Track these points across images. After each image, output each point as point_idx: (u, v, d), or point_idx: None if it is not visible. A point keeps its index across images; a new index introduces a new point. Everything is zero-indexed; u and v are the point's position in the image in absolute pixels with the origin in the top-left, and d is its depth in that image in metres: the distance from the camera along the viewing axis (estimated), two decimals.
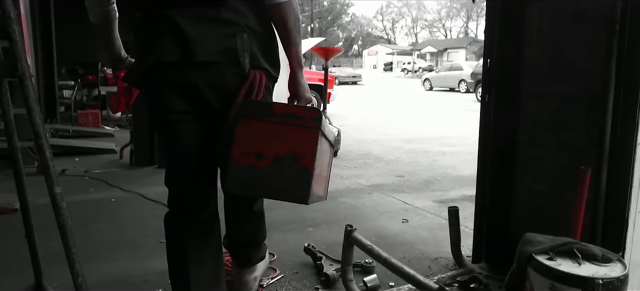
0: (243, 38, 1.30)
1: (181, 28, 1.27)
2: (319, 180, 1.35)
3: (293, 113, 1.27)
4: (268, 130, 1.27)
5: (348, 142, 6.26)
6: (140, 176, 4.11)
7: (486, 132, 2.13)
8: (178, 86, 1.34)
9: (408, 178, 4.17)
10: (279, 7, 1.35)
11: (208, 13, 1.29)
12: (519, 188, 2.06)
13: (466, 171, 4.53)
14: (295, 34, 1.39)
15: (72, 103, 7.69)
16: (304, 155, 1.23)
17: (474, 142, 6.18)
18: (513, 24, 1.98)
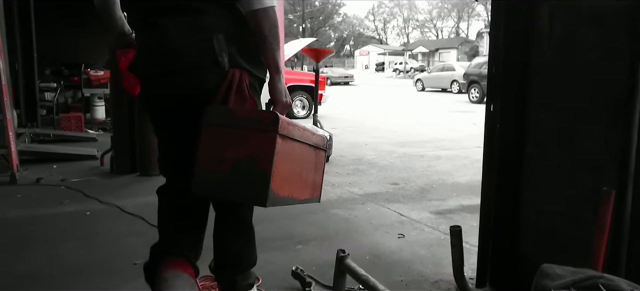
0: (219, 39, 1.36)
1: (167, 37, 1.37)
2: (290, 183, 1.39)
3: (252, 118, 1.31)
4: (229, 135, 1.32)
5: (340, 145, 6.07)
6: (120, 185, 3.89)
7: (491, 145, 1.95)
8: (165, 94, 1.45)
9: (403, 185, 3.98)
10: (254, 13, 1.38)
11: (190, 21, 1.37)
12: (527, 206, 1.88)
13: (463, 178, 4.35)
14: (270, 40, 1.40)
15: (54, 106, 7.41)
16: (262, 158, 1.27)
17: (469, 146, 6.03)
18: (521, 25, 1.80)
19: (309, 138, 1.47)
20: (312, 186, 1.56)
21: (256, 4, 1.37)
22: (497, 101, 1.88)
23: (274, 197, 1.29)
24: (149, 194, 3.64)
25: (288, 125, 1.32)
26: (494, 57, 1.86)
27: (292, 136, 1.35)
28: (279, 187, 1.30)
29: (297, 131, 1.39)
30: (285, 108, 1.48)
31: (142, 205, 3.23)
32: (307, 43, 11.16)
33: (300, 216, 2.98)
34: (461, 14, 65.71)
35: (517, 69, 1.82)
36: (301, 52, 8.97)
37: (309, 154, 1.50)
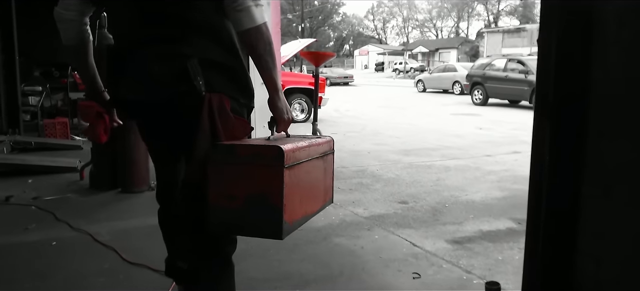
0: (193, 63, 1.31)
1: (145, 65, 1.35)
2: (303, 204, 1.40)
3: (256, 153, 1.30)
4: (236, 172, 1.31)
5: (341, 154, 5.68)
6: (97, 205, 3.49)
7: (538, 182, 1.56)
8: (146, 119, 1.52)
9: (412, 204, 3.59)
10: (247, 33, 1.33)
11: (168, 49, 1.34)
12: (584, 258, 1.49)
13: (476, 194, 3.97)
14: (266, 58, 1.35)
15: (39, 110, 7.00)
16: (271, 194, 1.27)
17: (477, 154, 5.63)
18: (578, 31, 1.41)
19: (315, 152, 1.47)
20: (324, 194, 1.59)
21: (248, 23, 1.31)
22: (546, 128, 1.49)
23: (288, 227, 1.30)
24: (128, 216, 3.28)
25: (293, 153, 1.31)
26: (543, 71, 1.47)
27: (299, 161, 1.35)
28: (292, 215, 1.31)
29: (304, 152, 1.39)
30: (288, 125, 1.46)
31: (118, 232, 2.84)
32: (306, 44, 10.76)
33: (297, 247, 2.59)
34: (461, 13, 65.32)
35: (573, 87, 1.43)
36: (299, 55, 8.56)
37: (317, 166, 1.51)
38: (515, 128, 8.80)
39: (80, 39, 1.55)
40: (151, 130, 1.54)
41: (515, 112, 12.31)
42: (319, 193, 1.54)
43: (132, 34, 1.41)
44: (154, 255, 2.29)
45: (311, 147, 1.43)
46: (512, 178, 4.57)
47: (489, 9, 61.80)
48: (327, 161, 1.59)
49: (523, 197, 3.89)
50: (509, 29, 41.12)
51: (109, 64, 1.53)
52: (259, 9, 1.34)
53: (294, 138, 1.49)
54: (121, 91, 1.46)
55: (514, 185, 4.32)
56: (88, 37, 1.58)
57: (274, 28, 4.39)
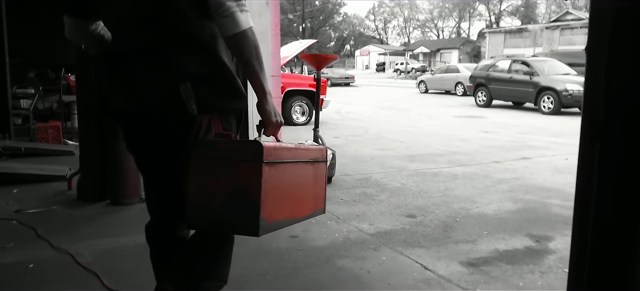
0: (186, 87, 1.32)
1: (136, 81, 1.39)
2: (286, 206, 1.38)
3: (236, 149, 1.31)
4: (215, 167, 1.32)
5: (344, 160, 5.44)
6: (83, 219, 3.25)
7: (585, 209, 1.32)
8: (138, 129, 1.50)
9: (421, 219, 3.35)
10: (233, 38, 1.33)
11: (157, 63, 1.36)
12: None
13: (488, 206, 3.73)
14: (252, 62, 1.35)
15: (31, 114, 6.77)
16: (250, 189, 1.26)
17: (485, 161, 5.38)
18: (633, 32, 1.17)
19: (302, 156, 1.46)
20: (313, 201, 1.55)
21: (233, 28, 1.31)
22: (596, 147, 1.25)
23: (266, 225, 1.28)
24: (115, 233, 3.02)
25: (275, 151, 1.31)
26: (593, 77, 1.23)
27: (281, 159, 1.34)
28: (272, 214, 1.30)
29: (287, 153, 1.38)
30: (277, 128, 1.43)
31: (102, 252, 2.61)
32: (307, 45, 10.52)
33: (298, 271, 2.36)
34: (462, 13, 65.04)
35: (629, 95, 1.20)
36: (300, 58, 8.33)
37: (305, 171, 1.49)
38: (521, 132, 8.57)
39: (99, 43, 1.56)
40: (141, 140, 1.52)
41: (520, 114, 12.08)
42: (306, 199, 1.51)
43: (123, 42, 1.43)
44: (140, 280, 2.07)
45: (298, 151, 1.43)
46: (524, 188, 4.34)
47: (491, 9, 61.55)
48: (317, 168, 1.55)
49: (538, 209, 3.66)
50: (511, 29, 40.87)
51: (103, 68, 1.56)
52: (245, 14, 1.33)
53: (282, 142, 1.47)
54: (114, 101, 1.48)
55: (526, 195, 4.09)
56: (106, 36, 1.56)
57: (274, 29, 4.16)
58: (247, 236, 1.40)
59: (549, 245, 2.88)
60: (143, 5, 1.36)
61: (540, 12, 57.74)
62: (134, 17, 1.38)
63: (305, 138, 5.22)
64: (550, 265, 2.56)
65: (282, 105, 9.17)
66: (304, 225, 3.07)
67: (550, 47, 31.18)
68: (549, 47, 31.56)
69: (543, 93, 12.21)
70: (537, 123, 9.98)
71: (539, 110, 12.22)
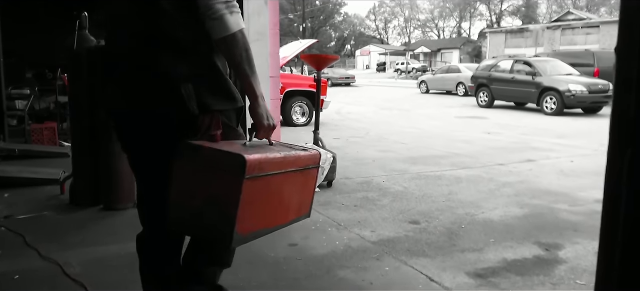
0: (188, 88, 1.32)
1: (131, 83, 1.38)
2: (265, 216, 1.36)
3: (220, 158, 1.26)
4: (197, 173, 1.29)
5: (345, 163, 5.33)
6: (74, 225, 3.14)
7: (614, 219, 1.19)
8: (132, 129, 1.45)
9: (425, 225, 3.24)
10: (222, 41, 1.31)
11: (155, 65, 1.33)
12: None
13: (494, 211, 3.61)
14: (243, 66, 1.33)
15: (26, 115, 6.66)
16: (227, 202, 1.23)
17: (488, 163, 5.26)
18: None
19: (291, 164, 1.41)
20: (297, 207, 1.52)
21: (222, 31, 1.29)
22: (626, 153, 1.13)
23: (240, 237, 1.27)
24: (107, 240, 2.90)
25: (260, 164, 1.27)
26: (622, 82, 1.11)
27: (267, 172, 1.30)
28: (248, 226, 1.28)
29: (275, 164, 1.34)
30: (269, 131, 1.41)
31: (92, 262, 2.50)
32: (307, 45, 10.40)
33: (297, 283, 2.25)
34: (463, 13, 64.91)
35: None
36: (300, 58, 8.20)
37: (292, 180, 1.44)
38: (524, 133, 8.45)
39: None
40: (138, 140, 1.46)
41: (522, 114, 11.95)
42: (289, 207, 1.48)
43: (120, 41, 1.41)
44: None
45: (286, 160, 1.38)
46: (529, 192, 4.22)
47: (492, 9, 61.42)
48: (307, 175, 1.51)
49: (545, 214, 3.54)
50: (512, 29, 40.75)
51: (100, 68, 1.58)
52: (234, 16, 1.30)
53: (273, 148, 1.41)
54: (111, 100, 1.46)
55: (532, 200, 3.97)
56: None
57: (273, 28, 4.04)
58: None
59: (559, 253, 2.76)
60: (134, 7, 1.35)
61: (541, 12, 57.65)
62: (128, 18, 1.37)
63: (305, 140, 5.11)
64: (562, 276, 2.45)
65: (281, 105, 9.06)
66: (303, 232, 2.97)
67: (551, 47, 31.06)
68: (550, 47, 31.43)
69: (545, 94, 12.08)
70: (539, 124, 9.85)
71: (542, 111, 12.10)
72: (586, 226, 3.27)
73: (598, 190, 4.50)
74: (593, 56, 15.20)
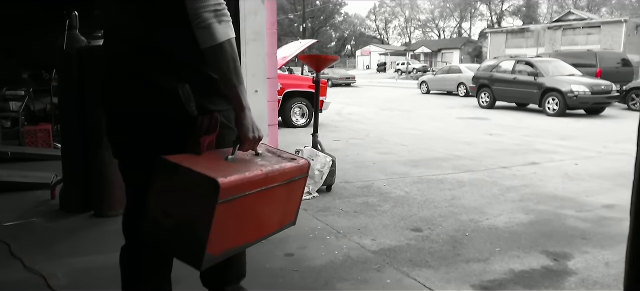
0: (185, 89, 1.31)
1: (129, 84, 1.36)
2: (242, 234, 1.33)
3: (194, 179, 1.19)
4: (174, 191, 1.25)
5: (345, 165, 5.21)
6: (62, 233, 3.02)
7: None
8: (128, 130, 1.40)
9: (427, 233, 3.12)
10: (210, 50, 1.27)
11: (146, 75, 1.33)
12: None
13: (499, 217, 3.49)
14: (229, 76, 1.29)
15: (20, 116, 6.54)
16: (199, 224, 1.20)
17: (491, 166, 5.13)
18: None
19: (274, 180, 1.35)
20: (280, 218, 1.47)
21: (209, 41, 1.27)
22: None
23: (212, 258, 1.24)
24: (95, 249, 2.76)
25: (236, 186, 1.22)
26: None
27: (244, 192, 1.25)
28: (220, 246, 1.25)
29: (255, 183, 1.28)
30: (254, 144, 1.38)
31: (78, 273, 2.38)
32: (306, 45, 10.28)
33: None
34: (463, 13, 64.78)
35: None
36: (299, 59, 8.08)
37: (275, 195, 1.39)
38: (527, 135, 8.32)
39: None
40: (137, 142, 1.40)
41: (524, 115, 11.82)
42: (271, 220, 1.43)
43: (118, 43, 1.39)
44: None
45: (268, 177, 1.32)
46: (534, 197, 4.09)
47: (492, 9, 61.29)
48: (293, 187, 1.46)
49: (552, 221, 3.40)
50: (513, 29, 40.59)
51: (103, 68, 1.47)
52: (223, 25, 1.27)
53: (257, 161, 1.36)
54: (109, 101, 1.44)
55: (538, 205, 3.85)
56: None
57: (270, 28, 3.91)
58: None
59: (568, 263, 2.64)
60: (127, 14, 1.35)
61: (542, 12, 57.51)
62: (121, 24, 1.38)
63: (304, 143, 4.99)
64: (572, 289, 2.33)
65: (281, 106, 8.96)
66: (301, 240, 2.85)
67: (552, 48, 30.93)
68: (551, 47, 31.29)
69: (548, 95, 11.96)
70: (542, 125, 9.73)
71: (544, 112, 11.98)
72: (595, 234, 3.15)
73: (605, 194, 4.41)
74: (595, 56, 15.08)
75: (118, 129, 1.43)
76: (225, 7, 1.28)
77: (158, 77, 1.31)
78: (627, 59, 16.09)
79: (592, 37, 32.08)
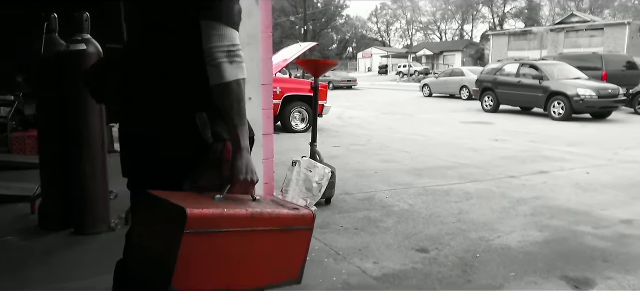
0: (202, 118, 1.32)
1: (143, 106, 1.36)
2: (221, 276, 1.21)
3: (166, 203, 1.16)
4: (149, 218, 1.25)
5: (345, 175, 4.98)
6: (38, 256, 2.78)
7: None
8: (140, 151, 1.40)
9: (434, 254, 2.87)
10: (216, 87, 1.28)
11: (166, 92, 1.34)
12: None
13: (511, 235, 3.24)
14: (232, 116, 1.29)
15: (8, 122, 6.31)
16: (167, 252, 1.13)
17: (499, 175, 4.84)
18: None
19: (263, 223, 1.21)
20: (277, 270, 1.29)
21: (216, 79, 1.26)
22: None
23: None
24: (71, 274, 2.51)
25: (209, 221, 1.13)
26: None
27: (220, 229, 1.16)
28: (190, 284, 1.14)
29: (236, 221, 1.18)
30: (246, 187, 1.29)
31: None
32: (306, 48, 10.05)
33: None
34: (465, 16, 64.54)
35: None
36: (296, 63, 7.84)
37: (263, 242, 1.23)
38: (533, 140, 8.07)
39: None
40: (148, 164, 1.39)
41: (529, 120, 11.56)
42: (259, 270, 1.27)
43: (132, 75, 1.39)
44: None
45: (255, 218, 1.21)
46: (547, 211, 3.85)
47: (494, 11, 61.06)
48: (292, 238, 1.30)
49: (568, 239, 3.12)
50: (515, 32, 40.35)
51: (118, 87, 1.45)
52: (234, 66, 1.27)
53: (248, 203, 1.25)
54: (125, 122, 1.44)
55: (551, 220, 3.60)
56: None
57: (265, 31, 3.67)
58: None
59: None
60: (148, 42, 1.37)
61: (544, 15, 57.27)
62: (142, 51, 1.39)
63: (303, 150, 4.76)
64: None
65: (280, 111, 8.72)
66: None
67: (555, 50, 30.68)
68: (554, 50, 31.05)
69: (553, 98, 11.69)
70: (548, 131, 9.47)
71: (549, 116, 11.71)
72: (617, 254, 2.90)
73: (621, 208, 4.15)
74: (601, 59, 14.80)
75: (132, 151, 1.43)
76: (240, 49, 1.29)
77: (176, 104, 1.33)
78: (633, 62, 15.80)
79: (595, 40, 31.85)
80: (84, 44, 2.97)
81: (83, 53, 2.96)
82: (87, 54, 2.97)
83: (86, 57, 2.96)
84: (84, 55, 2.96)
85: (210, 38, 1.27)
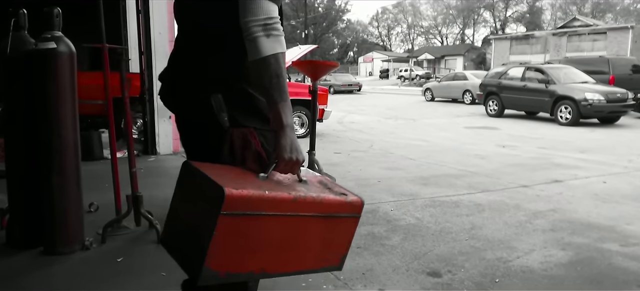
0: (217, 99, 1.29)
1: (177, 84, 1.39)
2: (256, 258, 1.17)
3: (204, 185, 1.12)
4: (185, 196, 1.22)
5: (346, 183, 4.59)
6: (2, 279, 2.45)
7: None
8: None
9: (448, 279, 2.53)
10: (254, 64, 1.24)
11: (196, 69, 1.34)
12: None
13: (531, 255, 2.91)
14: (271, 92, 1.24)
15: None
16: (202, 234, 1.10)
17: (510, 184, 4.32)
18: None
19: (307, 208, 1.17)
20: (315, 258, 1.24)
21: (254, 54, 1.22)
22: None
23: (213, 274, 1.10)
24: None
25: (248, 203, 1.09)
26: None
27: (259, 212, 1.12)
28: (224, 265, 1.12)
29: (277, 204, 1.14)
30: (292, 167, 1.23)
31: None
32: (306, 51, 9.74)
33: None
34: (467, 20, 64.32)
35: None
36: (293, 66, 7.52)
37: (307, 227, 1.19)
38: (542, 147, 7.74)
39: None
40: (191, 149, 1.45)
41: (535, 125, 11.24)
42: (299, 255, 1.22)
43: (177, 48, 1.43)
44: None
45: (298, 202, 1.15)
46: (567, 225, 3.52)
47: (496, 16, 60.83)
48: (337, 225, 1.24)
49: (595, 259, 2.71)
50: (517, 36, 40.06)
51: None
52: (271, 39, 1.22)
53: (292, 185, 1.19)
54: (173, 106, 1.44)
55: (573, 237, 3.27)
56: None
57: None
58: None
59: None
60: (185, 16, 1.41)
61: (546, 19, 57.01)
62: (182, 25, 1.43)
63: None
64: None
65: None
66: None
67: (558, 54, 30.37)
68: (556, 54, 30.75)
69: (560, 103, 11.36)
70: (556, 136, 9.14)
71: (555, 121, 11.38)
72: None
73: None
74: (608, 63, 14.47)
75: (183, 134, 1.47)
76: (278, 22, 1.22)
77: (199, 88, 1.32)
78: (639, 66, 15.49)
79: (598, 44, 31.54)
80: (54, 42, 2.65)
81: (53, 52, 2.64)
82: (58, 53, 2.65)
83: (57, 57, 2.65)
84: (54, 55, 2.65)
85: (245, 11, 1.21)
